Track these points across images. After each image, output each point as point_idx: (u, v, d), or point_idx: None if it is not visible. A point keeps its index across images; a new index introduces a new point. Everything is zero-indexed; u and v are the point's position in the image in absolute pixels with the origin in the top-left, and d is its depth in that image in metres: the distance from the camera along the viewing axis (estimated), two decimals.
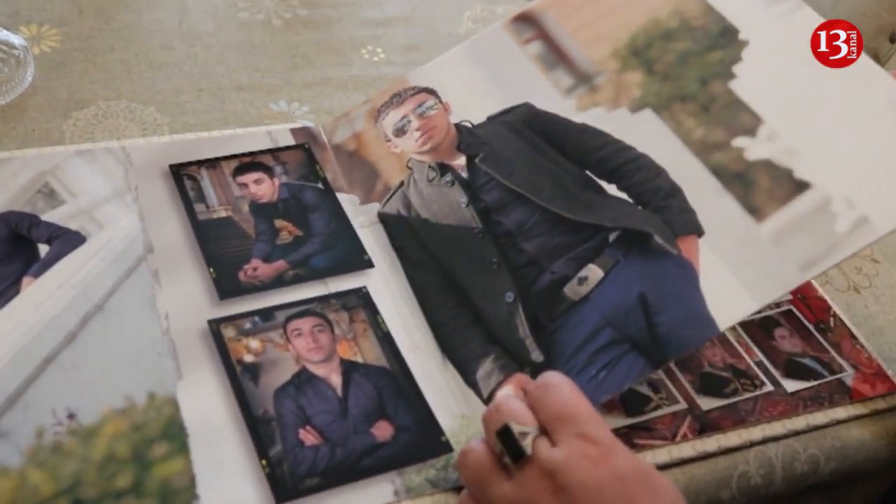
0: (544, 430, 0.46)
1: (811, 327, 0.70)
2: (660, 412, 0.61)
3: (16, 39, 0.76)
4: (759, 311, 0.69)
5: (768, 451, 0.61)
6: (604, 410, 0.59)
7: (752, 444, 0.61)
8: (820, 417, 0.63)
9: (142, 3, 0.85)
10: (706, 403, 0.62)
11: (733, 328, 0.68)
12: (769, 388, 0.64)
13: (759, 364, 0.66)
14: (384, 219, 0.68)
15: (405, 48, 0.88)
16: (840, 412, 0.64)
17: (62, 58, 0.77)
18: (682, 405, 0.62)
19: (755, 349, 0.67)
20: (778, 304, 0.71)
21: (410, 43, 0.89)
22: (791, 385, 0.65)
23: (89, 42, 0.80)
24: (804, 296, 0.72)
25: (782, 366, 0.66)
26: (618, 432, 0.58)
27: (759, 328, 0.69)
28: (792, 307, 0.71)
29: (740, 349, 0.67)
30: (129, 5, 0.85)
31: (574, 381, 0.48)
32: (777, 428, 0.62)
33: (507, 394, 0.57)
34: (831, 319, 0.71)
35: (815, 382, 0.66)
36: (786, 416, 0.63)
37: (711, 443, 0.60)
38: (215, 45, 0.83)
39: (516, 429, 0.45)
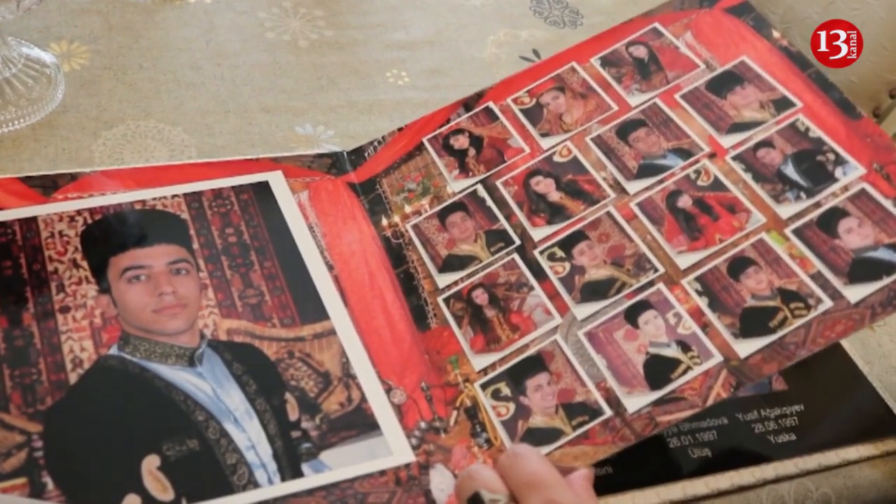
0: (514, 498, 0.47)
1: (888, 204, 0.56)
2: (689, 375, 0.54)
3: (47, 57, 0.77)
4: (820, 205, 0.58)
5: (781, 489, 0.62)
6: (625, 390, 0.55)
7: (764, 483, 0.61)
8: (832, 458, 0.64)
9: (170, 20, 0.86)
10: (745, 349, 0.54)
11: (786, 238, 0.58)
12: (827, 304, 0.54)
13: (817, 276, 0.55)
14: None
15: (430, 72, 0.88)
16: (852, 453, 0.65)
17: (92, 76, 0.78)
18: (717, 359, 0.54)
19: (812, 258, 0.56)
20: (846, 188, 0.58)
21: (435, 66, 0.89)
22: (856, 293, 0.54)
23: (118, 60, 0.81)
24: (881, 164, 0.58)
25: (845, 271, 0.55)
26: (639, 413, 0.54)
27: (818, 228, 0.57)
28: (865, 184, 0.58)
29: (792, 264, 0.56)
30: (158, 23, 0.86)
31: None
32: (789, 467, 0.62)
33: (479, 463, 0.57)
34: None
35: (889, 280, 0.53)
36: (851, 333, 0.53)
37: (724, 480, 0.61)
38: (242, 65, 0.84)
39: (487, 496, 0.47)
